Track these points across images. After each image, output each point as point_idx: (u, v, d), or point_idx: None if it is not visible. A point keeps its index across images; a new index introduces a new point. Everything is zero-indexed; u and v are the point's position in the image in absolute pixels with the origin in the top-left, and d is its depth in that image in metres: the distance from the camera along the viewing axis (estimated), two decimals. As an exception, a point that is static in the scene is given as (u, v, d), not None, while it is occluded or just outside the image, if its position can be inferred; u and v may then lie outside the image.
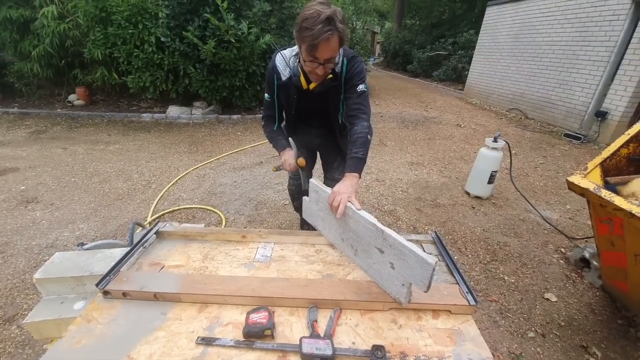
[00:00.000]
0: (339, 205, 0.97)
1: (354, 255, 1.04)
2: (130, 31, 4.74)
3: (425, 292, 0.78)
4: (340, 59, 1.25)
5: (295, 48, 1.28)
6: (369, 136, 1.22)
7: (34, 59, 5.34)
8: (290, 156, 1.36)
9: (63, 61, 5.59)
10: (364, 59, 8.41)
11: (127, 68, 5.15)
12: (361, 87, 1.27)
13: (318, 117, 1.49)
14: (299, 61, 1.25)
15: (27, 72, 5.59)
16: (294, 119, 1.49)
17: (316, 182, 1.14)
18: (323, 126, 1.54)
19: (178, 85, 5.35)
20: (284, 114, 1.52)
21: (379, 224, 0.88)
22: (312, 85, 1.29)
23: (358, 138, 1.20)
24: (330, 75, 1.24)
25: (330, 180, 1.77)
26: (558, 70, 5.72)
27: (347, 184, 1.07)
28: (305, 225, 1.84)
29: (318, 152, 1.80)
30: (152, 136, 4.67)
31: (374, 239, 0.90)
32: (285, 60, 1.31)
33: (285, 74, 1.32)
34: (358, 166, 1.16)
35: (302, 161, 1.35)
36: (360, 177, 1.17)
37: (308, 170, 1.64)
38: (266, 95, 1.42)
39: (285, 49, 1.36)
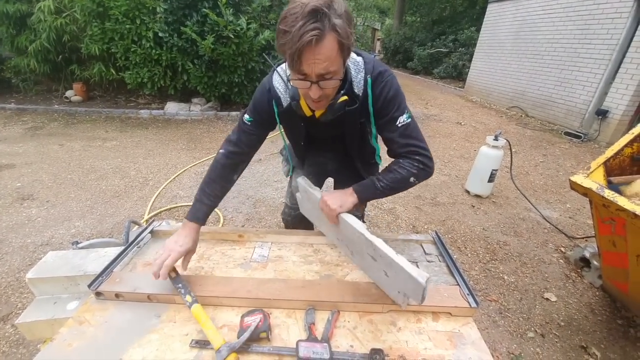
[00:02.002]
0: (329, 213, 0.93)
1: (351, 255, 1.02)
2: (127, 26, 4.68)
3: (420, 304, 0.75)
4: (360, 74, 0.89)
5: None
6: (410, 178, 0.93)
7: (30, 54, 5.29)
8: (182, 245, 0.88)
9: (60, 56, 5.53)
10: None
11: (125, 64, 5.10)
12: (403, 118, 0.91)
13: (333, 145, 1.20)
14: None
15: (24, 68, 5.53)
16: (304, 149, 1.20)
17: (304, 182, 1.08)
18: (340, 154, 1.24)
19: (176, 81, 5.30)
20: (286, 140, 1.23)
21: (368, 235, 0.84)
22: (318, 113, 0.93)
23: (391, 170, 0.96)
24: (345, 97, 0.87)
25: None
26: (559, 68, 5.69)
27: (337, 197, 0.95)
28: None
29: (332, 179, 1.45)
30: (149, 133, 4.64)
31: (365, 247, 0.87)
32: (284, 79, 0.94)
33: (286, 97, 0.96)
34: (366, 190, 0.96)
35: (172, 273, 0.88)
36: (360, 203, 0.97)
37: None
38: (246, 116, 1.01)
39: (283, 62, 0.97)
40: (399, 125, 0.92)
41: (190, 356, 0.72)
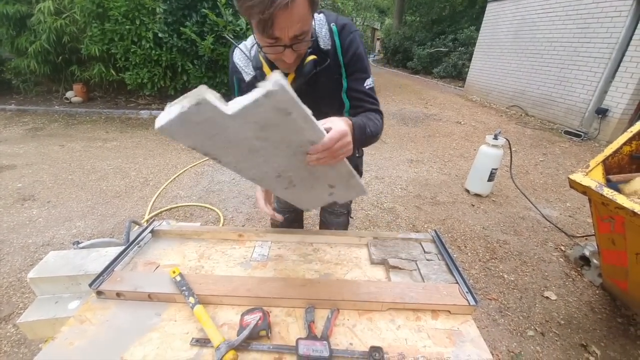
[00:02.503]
0: (337, 152, 0.64)
1: (284, 188, 0.80)
2: (127, 27, 4.69)
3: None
4: (324, 28, 0.85)
5: None
6: (380, 134, 0.91)
7: (30, 55, 5.30)
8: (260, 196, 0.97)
9: (60, 57, 5.54)
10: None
11: (125, 64, 5.11)
12: (369, 81, 0.92)
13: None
14: (260, 48, 0.81)
15: (24, 69, 5.54)
16: None
17: (210, 95, 0.57)
18: None
19: (176, 81, 5.31)
20: None
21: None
22: (288, 79, 0.85)
23: (370, 117, 0.89)
24: (312, 57, 0.82)
25: (329, 213, 1.42)
26: (559, 67, 5.69)
27: (344, 124, 0.69)
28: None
29: None
30: (150, 133, 4.64)
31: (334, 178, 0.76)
32: (245, 53, 0.92)
33: (248, 71, 0.93)
34: (362, 126, 0.80)
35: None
36: (353, 140, 0.72)
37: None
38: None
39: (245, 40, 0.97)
40: (366, 87, 0.92)
41: (190, 354, 0.73)
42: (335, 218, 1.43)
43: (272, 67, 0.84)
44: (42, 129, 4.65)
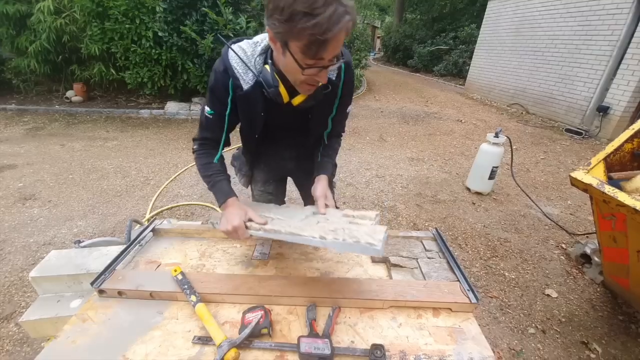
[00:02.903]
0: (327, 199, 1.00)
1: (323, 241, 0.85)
2: (127, 26, 4.69)
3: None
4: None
5: (258, 41, 0.88)
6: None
7: (30, 54, 5.29)
8: (237, 216, 0.88)
9: (60, 57, 5.54)
10: (364, 54, 8.26)
11: (125, 63, 5.11)
12: (350, 107, 1.08)
13: (293, 135, 1.09)
14: (272, 62, 0.84)
15: (24, 68, 5.54)
16: (256, 142, 1.07)
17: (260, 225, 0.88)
18: (299, 145, 1.15)
19: (176, 80, 5.30)
20: (234, 135, 1.06)
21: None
22: (297, 99, 0.88)
23: (334, 148, 1.14)
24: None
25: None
26: (560, 64, 5.67)
27: (325, 185, 1.03)
28: None
29: (290, 178, 1.41)
30: (150, 132, 4.64)
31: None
32: (244, 59, 0.86)
33: (246, 79, 0.87)
34: (332, 171, 1.13)
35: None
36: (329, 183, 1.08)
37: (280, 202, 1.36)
38: (207, 109, 0.93)
39: (239, 41, 0.90)
40: (348, 112, 1.06)
41: (192, 352, 0.73)
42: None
43: (287, 86, 0.84)
44: (43, 129, 4.65)
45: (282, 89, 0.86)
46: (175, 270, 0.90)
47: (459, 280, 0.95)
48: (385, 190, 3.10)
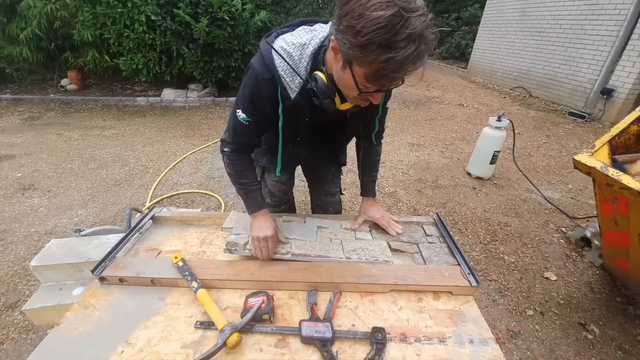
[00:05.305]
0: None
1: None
2: (119, 10, 4.54)
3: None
4: None
5: (305, 42, 0.77)
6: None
7: (22, 42, 5.15)
8: (271, 227, 0.93)
9: (53, 44, 5.40)
10: None
11: (119, 49, 4.98)
12: (390, 100, 1.02)
13: (330, 133, 1.08)
14: (323, 67, 0.77)
15: (16, 57, 5.40)
16: (296, 143, 1.02)
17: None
18: (333, 141, 1.19)
19: (172, 67, 5.18)
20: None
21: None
22: (345, 106, 0.82)
23: (377, 161, 1.17)
24: None
25: (324, 195, 1.46)
26: (565, 46, 5.52)
27: (381, 208, 1.14)
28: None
29: (301, 166, 1.41)
30: (147, 120, 4.59)
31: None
32: (290, 64, 0.77)
33: (293, 87, 0.80)
34: (375, 190, 1.18)
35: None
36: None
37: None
38: (242, 115, 0.84)
39: (279, 34, 0.81)
40: (387, 106, 1.03)
41: (195, 336, 0.73)
42: (331, 197, 1.49)
43: (341, 95, 0.78)
44: (39, 118, 4.59)
45: (338, 100, 0.79)
46: (176, 257, 0.90)
47: (459, 265, 0.95)
48: (386, 176, 3.08)
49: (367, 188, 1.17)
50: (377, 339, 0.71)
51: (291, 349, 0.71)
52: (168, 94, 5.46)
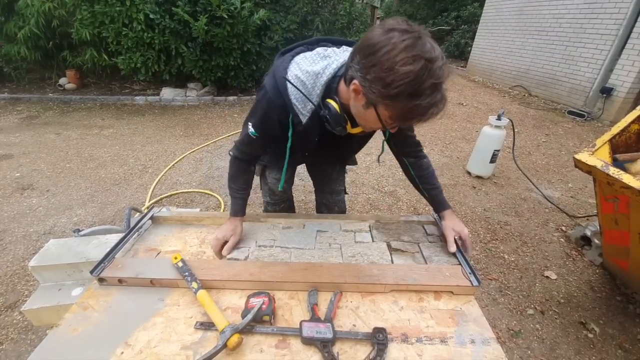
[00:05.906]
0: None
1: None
2: (117, 8, 4.51)
3: None
4: None
5: (320, 72, 0.80)
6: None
7: (20, 41, 5.12)
8: (225, 231, 1.00)
9: (51, 43, 5.37)
10: (363, 35, 7.98)
11: (117, 48, 4.95)
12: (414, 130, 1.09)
13: (337, 145, 1.09)
14: (335, 97, 0.80)
15: (14, 56, 5.37)
16: (304, 157, 1.10)
17: None
18: (339, 150, 1.20)
19: (171, 65, 5.16)
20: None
21: None
22: (356, 130, 0.86)
23: (432, 171, 1.14)
24: None
25: (330, 194, 1.48)
26: (564, 44, 5.52)
27: (459, 222, 1.07)
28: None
29: (305, 165, 1.45)
30: (146, 120, 4.57)
31: None
32: (304, 92, 0.80)
33: (304, 112, 0.84)
34: (447, 201, 1.13)
35: None
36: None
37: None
38: (252, 129, 0.90)
39: (298, 53, 0.86)
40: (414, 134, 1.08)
41: (195, 337, 0.73)
42: (336, 196, 1.50)
43: (351, 119, 0.82)
44: (37, 117, 4.58)
45: (349, 126, 0.84)
46: (176, 258, 0.89)
47: (460, 264, 0.95)
48: (386, 175, 3.08)
49: (439, 201, 1.12)
50: (379, 339, 0.71)
51: (292, 349, 0.70)
52: (167, 93, 5.44)
